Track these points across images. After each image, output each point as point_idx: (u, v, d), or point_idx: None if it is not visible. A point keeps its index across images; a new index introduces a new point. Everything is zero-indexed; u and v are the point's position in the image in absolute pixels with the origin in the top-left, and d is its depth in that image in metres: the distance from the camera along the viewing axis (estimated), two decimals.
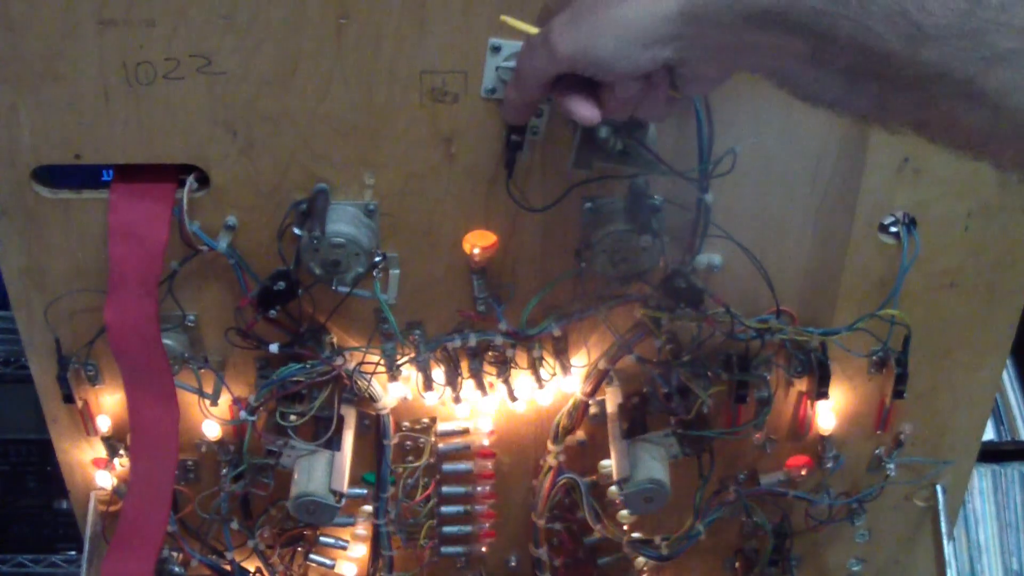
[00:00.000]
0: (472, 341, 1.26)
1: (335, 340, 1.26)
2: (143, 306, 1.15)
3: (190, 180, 1.14)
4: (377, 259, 1.17)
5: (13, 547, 2.06)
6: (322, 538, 1.43)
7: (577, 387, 1.30)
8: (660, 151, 1.07)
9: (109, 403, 1.31)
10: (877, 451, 1.41)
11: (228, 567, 1.42)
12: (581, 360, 1.30)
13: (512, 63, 1.08)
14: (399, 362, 1.26)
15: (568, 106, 0.91)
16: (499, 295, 1.24)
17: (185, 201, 1.13)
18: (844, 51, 0.74)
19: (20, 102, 1.08)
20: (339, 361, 1.24)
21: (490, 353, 1.28)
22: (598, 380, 1.29)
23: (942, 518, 1.45)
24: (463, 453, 1.38)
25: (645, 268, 1.17)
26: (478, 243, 1.20)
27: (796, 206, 1.20)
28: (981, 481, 1.97)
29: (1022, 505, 1.97)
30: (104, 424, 1.31)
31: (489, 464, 1.39)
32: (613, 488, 1.31)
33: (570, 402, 1.32)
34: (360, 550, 1.45)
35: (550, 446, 1.35)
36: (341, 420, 1.29)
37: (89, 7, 1.03)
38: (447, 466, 1.39)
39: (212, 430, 1.31)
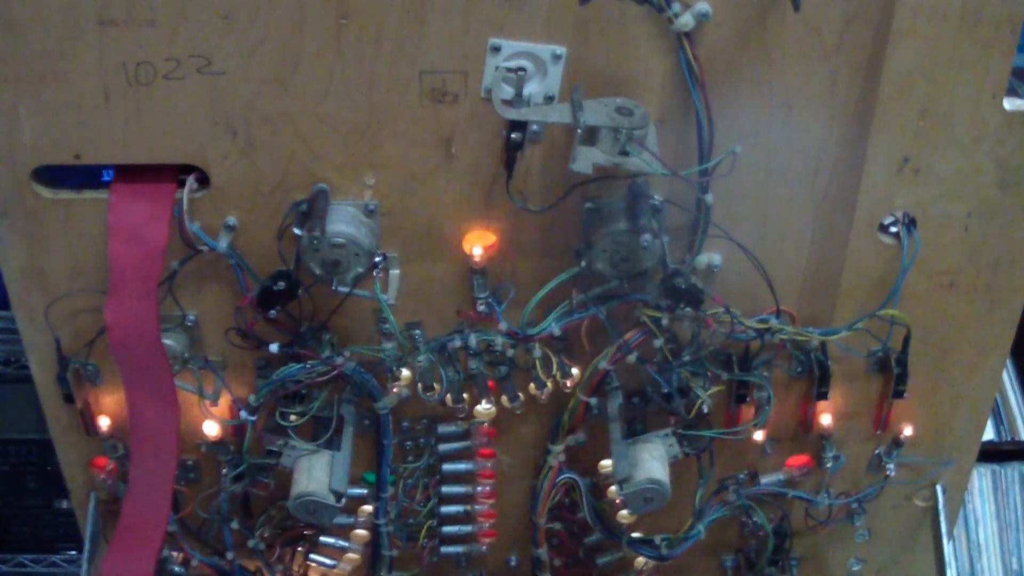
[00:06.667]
0: (472, 341, 1.26)
1: (335, 340, 1.26)
2: (143, 306, 1.15)
3: (190, 180, 1.14)
4: (377, 259, 1.18)
5: (13, 547, 2.05)
6: (322, 538, 1.43)
7: (577, 387, 1.30)
8: (660, 151, 1.07)
9: (109, 403, 1.31)
10: (877, 451, 1.41)
11: (228, 567, 1.42)
12: (581, 360, 1.30)
13: (512, 63, 1.08)
14: (399, 362, 1.26)
15: None
16: (499, 295, 1.24)
17: (185, 201, 1.13)
18: None
19: (20, 102, 1.08)
20: (339, 361, 1.24)
21: (490, 353, 1.28)
22: (598, 380, 1.29)
23: (942, 518, 1.45)
24: (463, 453, 1.38)
25: (645, 268, 1.17)
26: (478, 243, 1.20)
27: (796, 206, 1.20)
28: (981, 481, 1.96)
29: (1022, 505, 1.96)
30: (104, 424, 1.31)
31: (489, 464, 1.39)
32: (613, 488, 1.31)
33: (570, 402, 1.32)
34: (360, 550, 1.44)
35: (550, 446, 1.35)
36: (341, 420, 1.29)
37: (89, 7, 1.03)
38: (447, 466, 1.39)
39: (212, 430, 1.31)
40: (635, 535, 1.42)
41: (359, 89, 1.09)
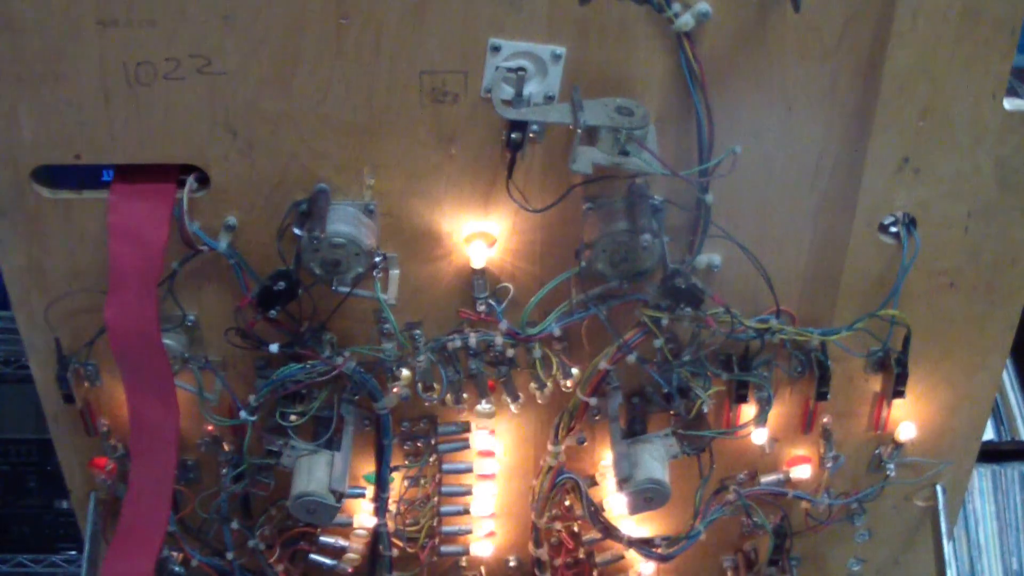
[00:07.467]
0: (472, 341, 1.26)
1: (335, 340, 1.26)
2: (143, 306, 1.15)
3: (190, 180, 1.14)
4: (377, 259, 1.18)
5: (13, 547, 2.06)
6: (322, 538, 1.43)
7: (577, 387, 1.30)
8: (660, 151, 1.07)
9: (109, 403, 1.31)
10: (877, 451, 1.41)
11: (228, 567, 1.42)
12: (581, 360, 1.30)
13: (512, 63, 1.08)
14: (399, 362, 1.26)
15: None
16: (499, 295, 1.24)
17: (185, 201, 1.13)
18: None
19: (20, 102, 1.08)
20: (339, 361, 1.24)
21: (490, 353, 1.28)
22: (598, 380, 1.29)
23: (942, 518, 1.45)
24: (463, 453, 1.38)
25: (645, 268, 1.17)
26: (478, 243, 1.20)
27: (796, 206, 1.20)
28: (981, 481, 1.96)
29: (1022, 505, 1.96)
30: (104, 424, 1.31)
31: (489, 464, 1.39)
32: (613, 488, 1.31)
33: (570, 402, 1.32)
34: (360, 550, 1.44)
35: (550, 446, 1.35)
36: (341, 420, 1.29)
37: (89, 7, 1.03)
38: (447, 466, 1.39)
39: (212, 430, 1.31)
40: (635, 535, 1.42)
41: (359, 89, 1.09)
